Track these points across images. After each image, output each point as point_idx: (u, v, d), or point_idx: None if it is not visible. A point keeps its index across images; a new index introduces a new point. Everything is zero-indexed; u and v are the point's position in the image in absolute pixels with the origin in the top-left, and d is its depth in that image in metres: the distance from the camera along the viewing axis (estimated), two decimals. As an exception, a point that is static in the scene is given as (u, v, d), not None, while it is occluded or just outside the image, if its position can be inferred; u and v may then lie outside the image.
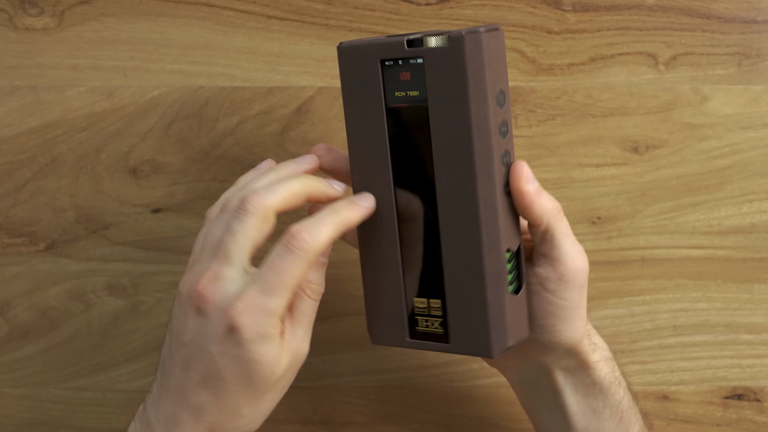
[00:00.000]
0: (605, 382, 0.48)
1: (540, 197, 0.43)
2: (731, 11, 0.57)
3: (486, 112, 0.42)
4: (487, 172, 0.43)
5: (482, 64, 0.42)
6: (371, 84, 0.45)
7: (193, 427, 0.43)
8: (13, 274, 0.57)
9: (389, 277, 0.47)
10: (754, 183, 0.57)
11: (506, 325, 0.44)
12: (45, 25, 0.56)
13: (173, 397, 0.43)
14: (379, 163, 0.46)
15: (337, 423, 0.58)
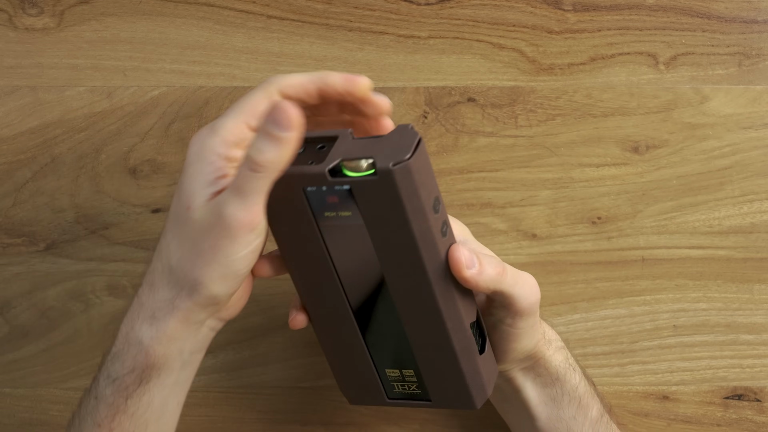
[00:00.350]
0: (560, 370, 0.50)
1: (482, 275, 0.44)
2: (731, 11, 0.57)
3: (427, 225, 0.43)
4: (439, 273, 0.44)
5: (415, 189, 0.41)
6: (298, 209, 0.44)
7: (144, 278, 0.44)
8: (13, 274, 0.57)
9: (355, 356, 0.48)
10: (754, 183, 0.57)
11: (483, 381, 0.46)
12: (45, 25, 0.56)
13: (153, 265, 0.45)
14: (325, 275, 0.46)
15: (337, 423, 0.58)
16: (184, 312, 0.43)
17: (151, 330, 0.44)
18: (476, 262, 0.44)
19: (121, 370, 0.44)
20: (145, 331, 0.44)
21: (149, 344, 0.44)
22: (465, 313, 0.46)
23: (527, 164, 0.57)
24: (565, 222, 0.57)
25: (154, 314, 0.44)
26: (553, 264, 0.57)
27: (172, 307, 0.43)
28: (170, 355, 0.44)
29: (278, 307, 0.57)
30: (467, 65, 0.57)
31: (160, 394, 0.45)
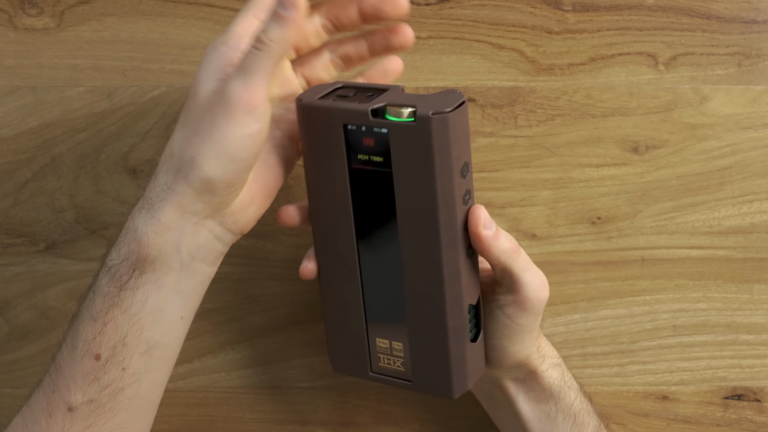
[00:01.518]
0: (554, 387, 0.50)
1: (496, 241, 0.45)
2: (731, 11, 0.57)
3: (451, 186, 0.43)
4: (451, 240, 0.44)
5: (448, 143, 0.43)
6: (334, 145, 0.45)
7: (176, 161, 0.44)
8: (13, 274, 0.57)
9: (351, 318, 0.48)
10: (754, 183, 0.57)
11: (466, 371, 0.46)
12: (45, 25, 0.56)
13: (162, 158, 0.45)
14: (342, 219, 0.46)
15: (337, 423, 0.58)
16: (178, 196, 0.43)
17: (147, 217, 0.43)
18: (495, 227, 0.45)
19: (116, 258, 0.44)
20: (141, 218, 0.44)
21: (143, 231, 0.43)
22: (466, 292, 0.46)
23: (527, 164, 0.57)
24: (564, 222, 0.57)
25: (152, 201, 0.44)
26: (552, 264, 0.57)
27: (167, 191, 0.43)
28: (164, 248, 0.43)
29: (278, 307, 0.57)
30: (467, 65, 0.57)
31: (155, 294, 0.44)
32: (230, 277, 0.57)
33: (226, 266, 0.57)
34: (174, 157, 0.43)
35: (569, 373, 0.51)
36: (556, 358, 0.51)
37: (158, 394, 0.47)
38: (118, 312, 0.44)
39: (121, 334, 0.44)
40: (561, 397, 0.50)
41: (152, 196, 0.44)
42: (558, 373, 0.50)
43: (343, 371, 0.50)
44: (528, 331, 0.48)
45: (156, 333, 0.45)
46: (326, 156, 0.45)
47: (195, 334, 0.57)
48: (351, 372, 0.50)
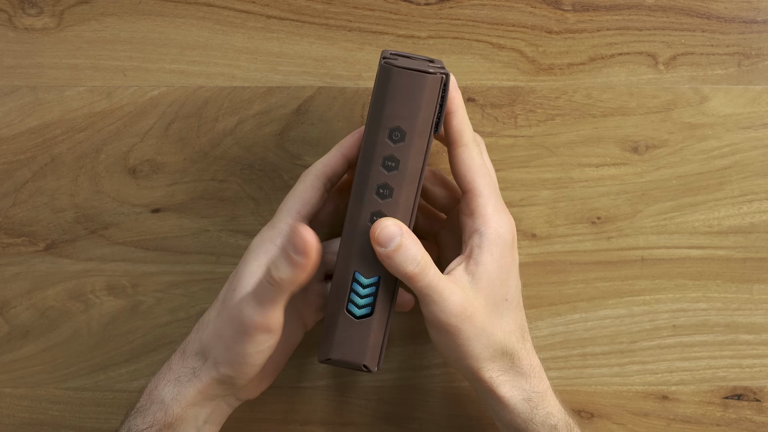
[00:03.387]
0: (520, 420, 0.48)
1: (389, 260, 0.45)
2: (731, 11, 0.57)
3: (371, 141, 0.45)
4: (359, 198, 0.45)
5: (383, 96, 0.44)
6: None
7: (179, 346, 0.49)
8: (12, 274, 0.57)
9: None
10: (754, 183, 0.57)
11: (333, 339, 0.47)
12: (44, 25, 0.56)
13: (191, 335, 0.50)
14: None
15: (337, 423, 0.58)
16: (203, 383, 0.47)
17: (173, 391, 0.48)
18: (395, 245, 0.45)
19: (141, 424, 0.48)
20: (168, 391, 0.48)
21: (169, 404, 0.47)
22: (359, 260, 0.46)
23: (527, 164, 0.57)
24: (564, 222, 0.57)
25: (179, 378, 0.48)
26: (552, 264, 0.57)
27: (194, 376, 0.48)
28: (186, 418, 0.48)
29: (278, 307, 0.57)
30: (467, 65, 0.57)
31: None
32: (230, 277, 0.57)
33: (226, 266, 0.57)
34: (203, 348, 0.48)
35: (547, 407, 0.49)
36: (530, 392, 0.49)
37: None
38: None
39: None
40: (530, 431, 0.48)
41: (181, 373, 0.48)
42: (525, 407, 0.48)
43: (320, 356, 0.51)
44: (448, 346, 0.47)
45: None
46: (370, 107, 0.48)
47: (195, 334, 0.57)
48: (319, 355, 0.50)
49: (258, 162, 0.57)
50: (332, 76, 0.57)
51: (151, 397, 0.48)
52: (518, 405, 0.48)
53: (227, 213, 0.57)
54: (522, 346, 0.49)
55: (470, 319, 0.46)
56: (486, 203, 0.48)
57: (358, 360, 0.47)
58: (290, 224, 0.48)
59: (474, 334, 0.47)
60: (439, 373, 0.57)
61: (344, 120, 0.57)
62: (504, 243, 0.47)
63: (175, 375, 0.48)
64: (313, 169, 0.50)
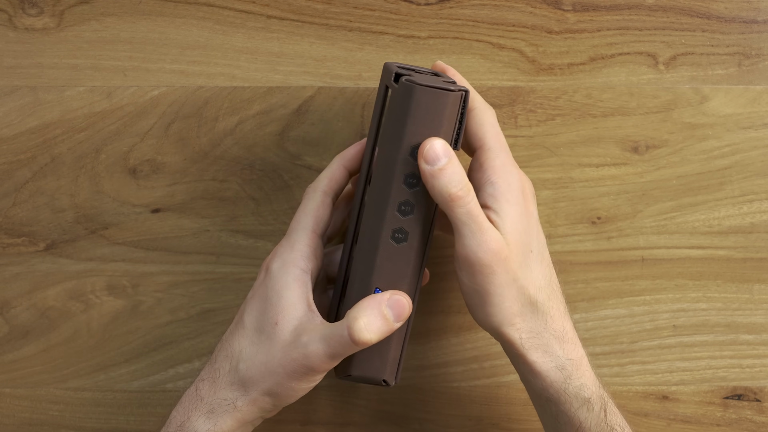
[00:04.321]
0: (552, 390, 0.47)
1: (434, 179, 0.44)
2: (731, 11, 0.57)
3: (390, 156, 0.45)
4: (379, 214, 0.45)
5: (405, 113, 0.44)
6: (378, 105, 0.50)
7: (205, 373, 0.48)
8: (12, 274, 0.57)
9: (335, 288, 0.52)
10: (754, 183, 0.57)
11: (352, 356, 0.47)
12: (45, 25, 0.56)
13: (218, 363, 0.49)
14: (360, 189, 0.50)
15: (337, 423, 0.58)
16: (242, 413, 0.47)
17: (208, 424, 0.46)
18: (442, 164, 0.44)
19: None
20: (201, 424, 0.47)
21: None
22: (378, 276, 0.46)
23: (527, 164, 0.57)
24: (565, 222, 0.57)
25: (213, 410, 0.47)
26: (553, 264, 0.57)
27: (233, 408, 0.47)
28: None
29: (278, 307, 0.57)
30: (467, 65, 0.57)
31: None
32: (230, 277, 0.57)
33: (226, 266, 0.57)
34: (242, 379, 0.47)
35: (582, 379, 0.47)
36: (563, 359, 0.47)
37: None
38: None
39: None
40: (561, 402, 0.47)
41: (213, 404, 0.47)
42: (558, 376, 0.47)
43: None
44: (484, 293, 0.45)
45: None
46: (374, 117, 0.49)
47: (195, 334, 0.57)
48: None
49: (258, 162, 0.57)
50: (332, 76, 0.57)
51: (182, 426, 0.47)
52: (550, 373, 0.46)
53: (227, 213, 0.57)
54: (554, 305, 0.47)
55: (505, 262, 0.45)
56: (495, 156, 0.47)
57: (379, 375, 0.47)
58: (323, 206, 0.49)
59: (506, 282, 0.45)
60: (439, 373, 0.57)
61: (344, 120, 0.57)
62: (518, 192, 0.47)
63: (208, 407, 0.47)
64: (320, 185, 0.50)
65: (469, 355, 0.57)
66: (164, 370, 0.57)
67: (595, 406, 0.47)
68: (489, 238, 0.44)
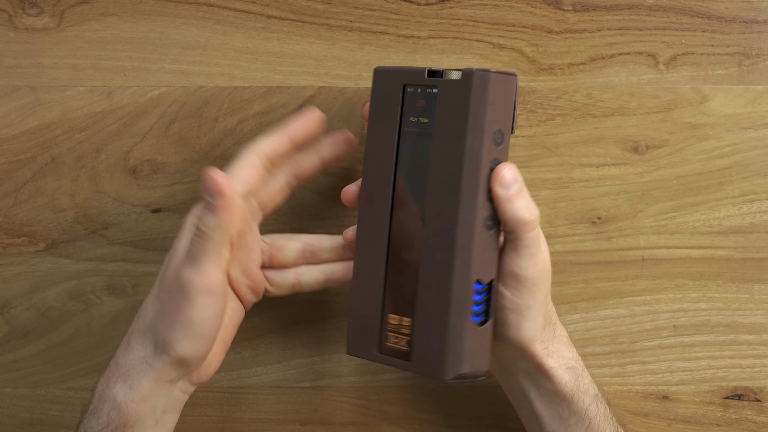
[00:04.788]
0: (567, 390, 0.49)
1: (509, 203, 0.45)
2: (731, 11, 0.57)
3: (479, 147, 0.45)
4: (470, 204, 0.45)
5: (485, 102, 0.45)
6: (392, 106, 0.48)
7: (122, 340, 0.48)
8: (13, 274, 0.57)
9: (372, 290, 0.48)
10: (754, 183, 0.57)
11: (463, 352, 0.46)
12: (45, 25, 0.56)
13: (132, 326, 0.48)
14: (383, 181, 0.48)
15: (337, 423, 0.58)
16: (156, 371, 0.46)
17: (125, 387, 0.46)
18: (516, 189, 0.46)
19: (96, 426, 0.46)
20: (119, 389, 0.46)
21: (123, 401, 0.46)
22: (477, 266, 0.46)
23: (527, 164, 0.57)
24: (565, 222, 0.57)
25: (128, 372, 0.46)
26: (553, 264, 0.57)
27: (145, 365, 0.46)
28: (143, 413, 0.46)
29: (278, 308, 0.57)
30: (467, 65, 0.57)
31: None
32: (230, 277, 0.57)
33: (226, 266, 0.57)
34: (149, 334, 0.47)
35: (587, 377, 0.50)
36: (573, 361, 0.50)
37: None
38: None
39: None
40: (574, 401, 0.49)
41: (129, 366, 0.46)
42: (571, 376, 0.49)
43: (354, 352, 0.49)
44: (526, 308, 0.47)
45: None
46: (384, 119, 0.48)
47: (195, 334, 0.57)
48: (360, 353, 0.49)
49: (258, 162, 0.57)
50: (332, 76, 0.57)
51: (103, 396, 0.47)
52: (564, 374, 0.49)
53: (227, 213, 0.57)
54: (553, 312, 0.50)
55: (547, 279, 0.48)
56: None
57: (483, 368, 0.47)
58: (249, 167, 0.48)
59: (543, 298, 0.48)
60: (440, 373, 0.57)
61: (344, 120, 0.57)
62: None
63: (123, 370, 0.46)
64: (254, 146, 0.49)
65: (469, 355, 0.57)
66: (164, 370, 0.57)
67: (601, 401, 0.50)
68: (543, 259, 0.48)
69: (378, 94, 0.49)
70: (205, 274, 0.45)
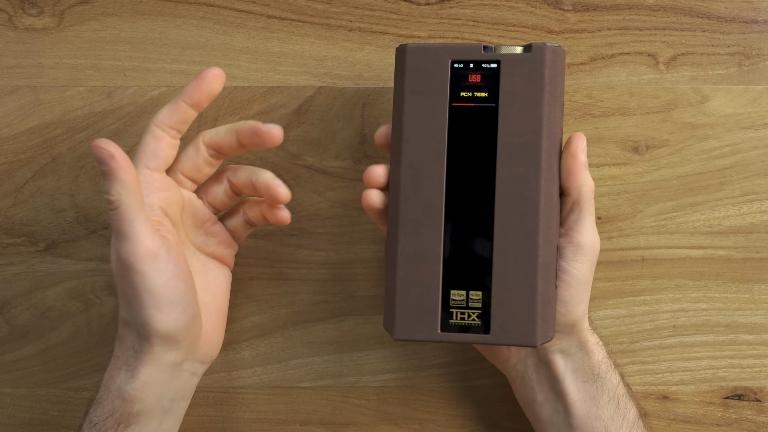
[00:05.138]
0: (602, 367, 0.50)
1: (585, 170, 0.48)
2: (731, 11, 0.57)
3: (557, 116, 0.47)
4: (550, 170, 0.47)
5: (559, 73, 0.47)
6: (437, 83, 0.48)
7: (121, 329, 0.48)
8: (13, 274, 0.57)
9: (425, 269, 0.48)
10: (754, 183, 0.57)
11: (551, 316, 0.47)
12: (45, 25, 0.56)
13: None
14: (433, 157, 0.48)
15: (337, 423, 0.58)
16: (149, 355, 0.46)
17: (126, 376, 0.47)
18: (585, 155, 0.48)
19: (101, 415, 0.47)
20: (121, 377, 0.47)
21: (125, 389, 0.46)
22: (556, 231, 0.47)
23: (527, 164, 0.57)
24: (565, 222, 0.57)
25: (127, 362, 0.47)
26: (553, 264, 0.57)
27: (137, 353, 0.47)
28: (147, 401, 0.47)
29: (278, 307, 0.57)
30: (467, 65, 0.57)
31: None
32: (230, 277, 0.57)
33: (226, 266, 0.57)
34: (127, 324, 0.47)
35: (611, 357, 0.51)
36: (599, 339, 0.51)
37: None
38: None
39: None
40: (607, 379, 0.50)
41: (126, 357, 0.47)
42: (604, 353, 0.51)
43: (406, 335, 0.48)
44: (584, 281, 0.48)
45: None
46: (425, 96, 0.48)
47: (195, 334, 0.57)
48: (415, 335, 0.48)
49: (258, 162, 0.57)
50: (332, 76, 0.57)
51: (107, 386, 0.47)
52: (602, 351, 0.50)
53: (227, 213, 0.57)
54: None
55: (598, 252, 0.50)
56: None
57: (552, 333, 0.48)
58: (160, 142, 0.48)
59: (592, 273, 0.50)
60: (439, 373, 0.57)
61: (344, 120, 0.57)
62: None
63: (122, 361, 0.47)
64: (153, 119, 0.48)
65: (469, 355, 0.57)
66: (164, 370, 0.57)
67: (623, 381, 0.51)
68: (596, 232, 0.49)
69: (414, 71, 0.48)
70: (139, 242, 0.45)
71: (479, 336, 0.47)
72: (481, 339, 0.47)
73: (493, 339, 0.47)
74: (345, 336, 0.57)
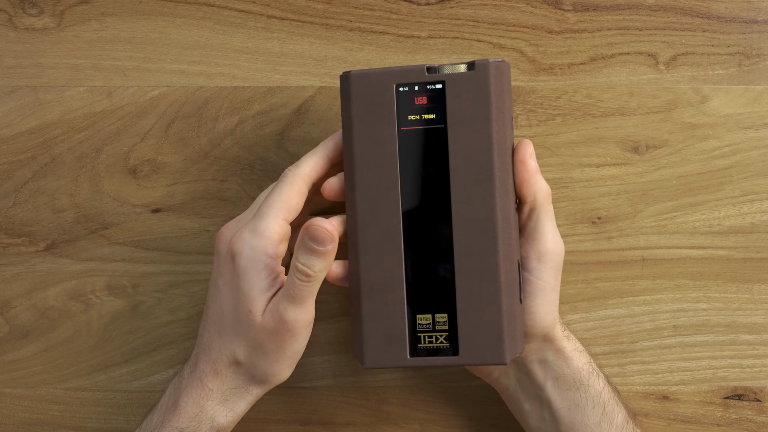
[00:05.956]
0: (583, 374, 0.50)
1: (538, 175, 0.48)
2: (731, 11, 0.57)
3: (506, 132, 0.47)
4: (505, 187, 0.46)
5: (504, 89, 0.46)
6: (384, 109, 0.47)
7: (203, 365, 0.49)
8: (13, 274, 0.57)
9: (389, 296, 0.48)
10: (754, 183, 0.57)
11: (517, 332, 0.46)
12: (45, 25, 0.56)
13: (197, 342, 0.51)
14: (387, 184, 0.47)
15: (337, 423, 0.58)
16: (253, 396, 0.50)
17: (224, 410, 0.50)
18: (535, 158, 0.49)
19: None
20: (218, 411, 0.49)
21: (221, 422, 0.50)
22: (516, 246, 0.47)
23: (527, 164, 0.57)
24: (565, 222, 0.57)
25: (227, 398, 0.50)
26: (553, 264, 0.57)
27: (245, 393, 0.50)
28: (227, 427, 0.51)
29: (278, 307, 0.57)
30: (467, 65, 0.57)
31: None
32: (230, 277, 0.57)
33: (226, 266, 0.57)
34: (245, 369, 0.49)
35: (594, 361, 0.51)
36: (580, 344, 0.51)
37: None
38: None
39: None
40: (590, 384, 0.50)
41: (225, 393, 0.49)
42: (585, 359, 0.50)
43: (376, 363, 0.48)
44: (550, 290, 0.48)
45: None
46: (373, 122, 0.48)
47: (195, 334, 0.57)
48: (386, 362, 0.48)
49: (258, 162, 0.57)
50: (332, 76, 0.57)
51: (200, 418, 0.49)
52: (581, 357, 0.50)
53: (227, 213, 0.57)
54: None
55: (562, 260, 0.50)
56: None
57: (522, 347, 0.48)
58: (298, 194, 0.48)
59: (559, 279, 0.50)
60: (439, 373, 0.57)
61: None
62: None
63: (220, 396, 0.49)
64: (302, 172, 0.48)
65: (469, 355, 0.57)
66: (164, 370, 0.57)
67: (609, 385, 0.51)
68: (559, 237, 0.49)
69: (359, 99, 0.48)
70: (309, 311, 0.48)
71: (448, 358, 0.47)
72: (450, 361, 0.47)
73: (462, 360, 0.47)
74: (345, 336, 0.57)
